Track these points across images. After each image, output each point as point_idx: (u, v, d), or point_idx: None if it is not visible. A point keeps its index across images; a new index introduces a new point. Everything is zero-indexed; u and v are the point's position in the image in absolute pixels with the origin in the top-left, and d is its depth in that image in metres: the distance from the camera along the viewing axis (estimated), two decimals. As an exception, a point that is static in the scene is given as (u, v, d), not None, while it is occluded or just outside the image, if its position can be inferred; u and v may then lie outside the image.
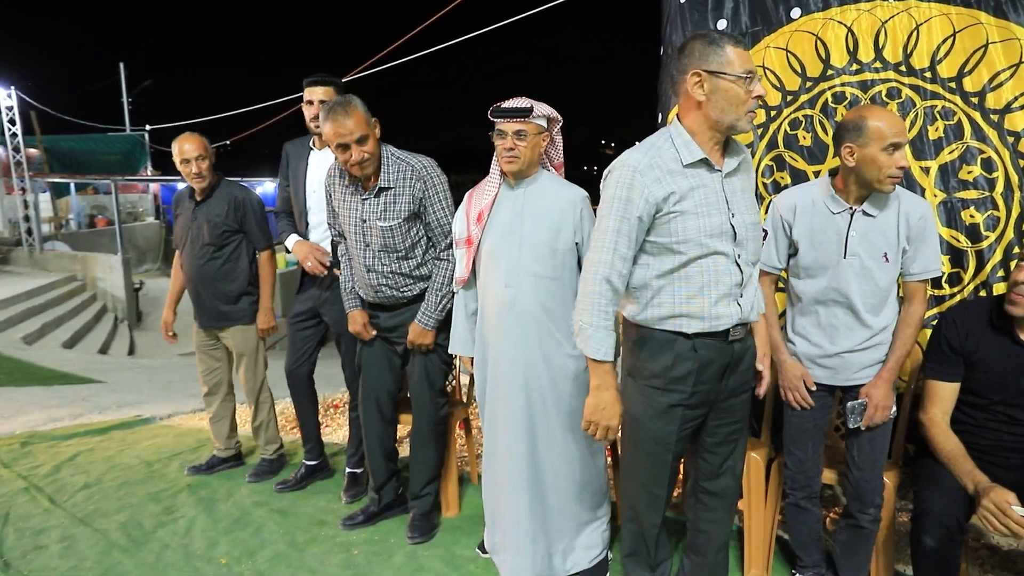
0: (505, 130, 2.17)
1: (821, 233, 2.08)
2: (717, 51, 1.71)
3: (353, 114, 2.31)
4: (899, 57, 2.54)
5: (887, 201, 2.03)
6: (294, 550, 2.65)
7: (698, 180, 1.78)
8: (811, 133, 2.71)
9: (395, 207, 2.45)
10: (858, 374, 2.11)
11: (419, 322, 2.55)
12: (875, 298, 2.06)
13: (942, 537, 1.82)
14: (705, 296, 1.79)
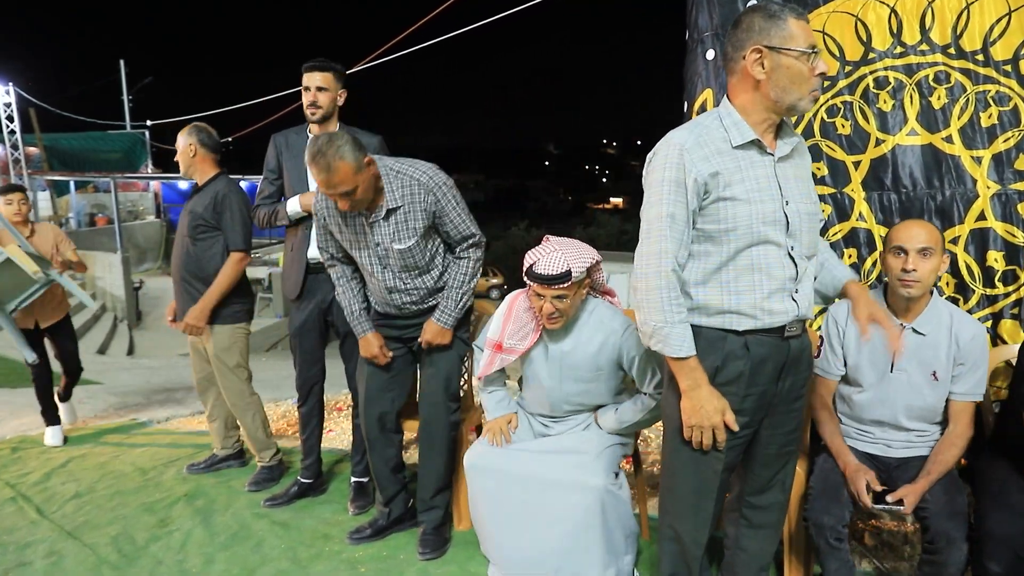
0: (544, 294, 2.07)
1: (869, 345, 2.04)
2: (779, 24, 1.55)
3: (338, 170, 2.09)
4: (948, 39, 2.36)
5: (938, 319, 1.99)
6: (297, 567, 2.48)
7: (748, 163, 1.63)
8: (850, 121, 2.53)
9: (408, 226, 2.30)
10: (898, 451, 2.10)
11: (437, 320, 2.40)
12: (921, 415, 2.04)
13: (1010, 563, 1.64)
14: (756, 291, 1.63)
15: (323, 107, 2.73)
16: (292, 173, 2.85)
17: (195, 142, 3.02)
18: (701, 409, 1.63)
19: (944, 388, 2.02)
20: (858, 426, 2.15)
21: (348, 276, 2.52)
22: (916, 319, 2.02)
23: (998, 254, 2.31)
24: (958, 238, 2.37)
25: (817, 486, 2.02)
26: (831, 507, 1.94)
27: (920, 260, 1.94)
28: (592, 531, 2.10)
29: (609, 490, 2.10)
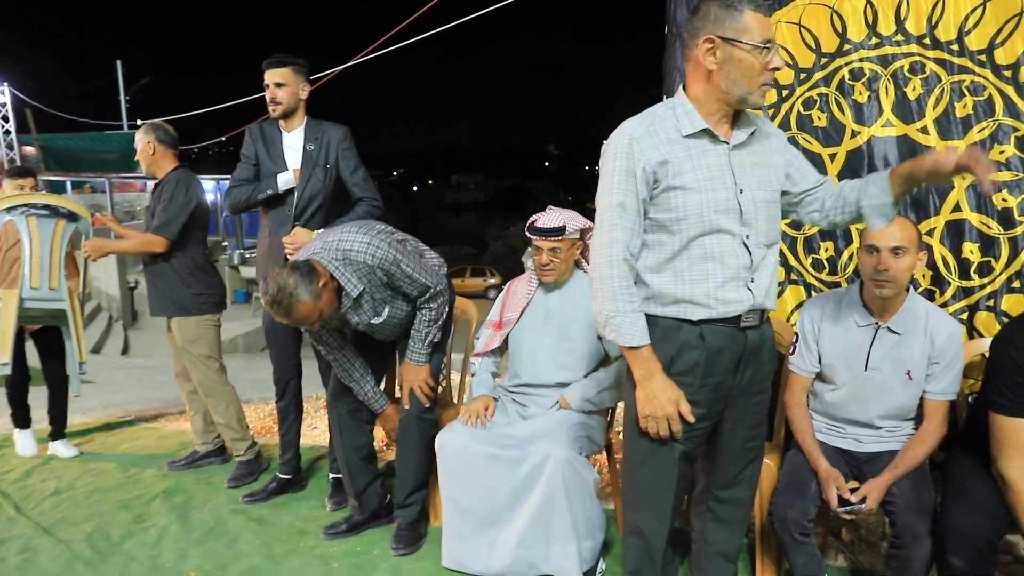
0: (541, 247, 2.35)
1: (843, 344, 2.04)
2: (735, 15, 1.53)
3: (298, 311, 2.16)
4: (923, 29, 2.34)
5: (914, 318, 1.98)
6: (270, 563, 2.47)
7: (700, 151, 1.62)
8: (827, 113, 2.51)
9: (377, 300, 2.40)
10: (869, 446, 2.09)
11: (410, 359, 2.50)
12: (894, 413, 2.03)
13: (972, 559, 1.62)
14: (710, 280, 1.62)
15: (283, 103, 2.77)
16: (266, 163, 2.87)
17: (153, 140, 3.06)
18: (655, 399, 1.62)
19: (918, 387, 2.00)
20: (830, 422, 2.13)
21: (350, 357, 2.52)
22: (891, 318, 2.00)
23: (973, 245, 2.29)
24: (933, 230, 2.35)
25: (784, 481, 2.01)
26: (795, 502, 1.92)
27: (892, 259, 1.91)
28: (555, 504, 2.11)
29: (572, 464, 2.10)
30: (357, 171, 2.85)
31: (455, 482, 2.26)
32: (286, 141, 2.85)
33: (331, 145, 2.81)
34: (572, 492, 2.10)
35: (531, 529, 2.15)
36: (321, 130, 2.83)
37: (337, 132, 2.84)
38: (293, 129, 2.85)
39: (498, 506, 2.19)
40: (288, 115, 2.81)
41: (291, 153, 2.83)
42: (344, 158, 2.83)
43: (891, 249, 1.90)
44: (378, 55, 7.84)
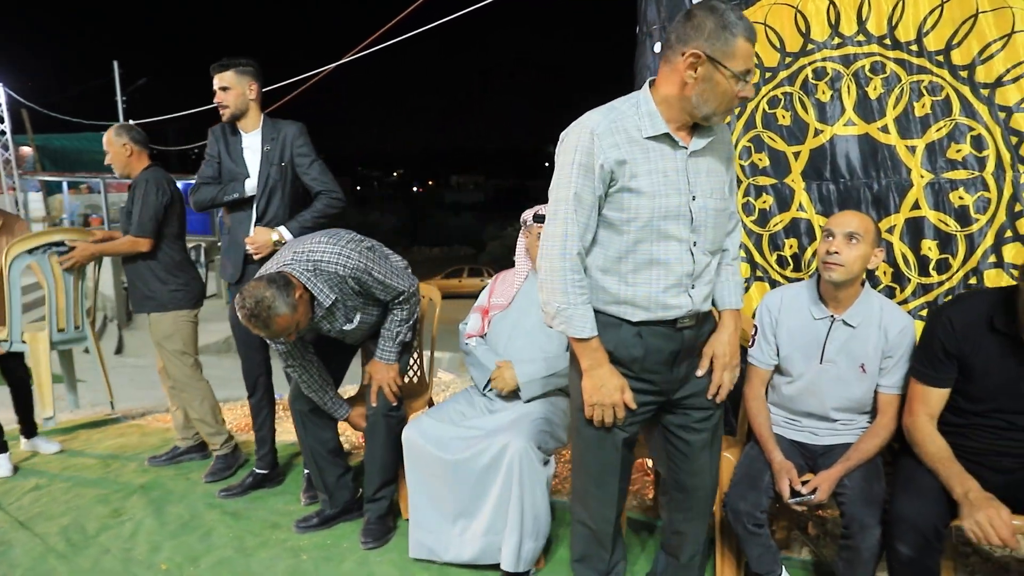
0: (536, 232, 2.37)
1: (801, 336, 2.08)
2: (727, 39, 1.52)
3: (277, 324, 2.18)
4: (884, 30, 2.38)
5: (869, 312, 2.01)
6: (241, 555, 2.50)
7: (659, 155, 1.63)
8: (790, 112, 2.54)
9: (349, 307, 2.44)
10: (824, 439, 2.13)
11: (380, 358, 2.52)
12: (849, 406, 2.07)
13: (918, 545, 1.65)
14: (653, 284, 1.66)
15: (230, 106, 2.83)
16: (227, 163, 2.92)
17: (129, 141, 3.10)
18: (602, 388, 1.67)
19: (872, 380, 2.03)
20: (787, 415, 2.17)
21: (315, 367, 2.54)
22: (846, 311, 2.03)
23: (932, 243, 2.33)
24: (894, 227, 2.38)
25: (738, 473, 2.04)
26: (748, 494, 1.95)
27: (845, 245, 1.95)
28: (511, 493, 2.15)
29: (529, 454, 2.14)
30: (313, 165, 2.88)
31: (423, 473, 2.30)
32: (244, 142, 2.90)
33: (286, 143, 2.85)
34: (525, 484, 2.14)
35: (496, 516, 2.18)
36: (277, 129, 2.87)
37: (291, 129, 2.88)
38: (251, 130, 2.90)
39: (465, 496, 2.23)
40: (239, 117, 2.87)
41: (249, 154, 2.88)
42: (299, 154, 2.86)
43: (846, 234, 1.95)
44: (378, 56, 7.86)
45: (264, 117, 2.90)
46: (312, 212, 2.86)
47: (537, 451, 2.17)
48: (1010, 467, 1.80)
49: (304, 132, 2.90)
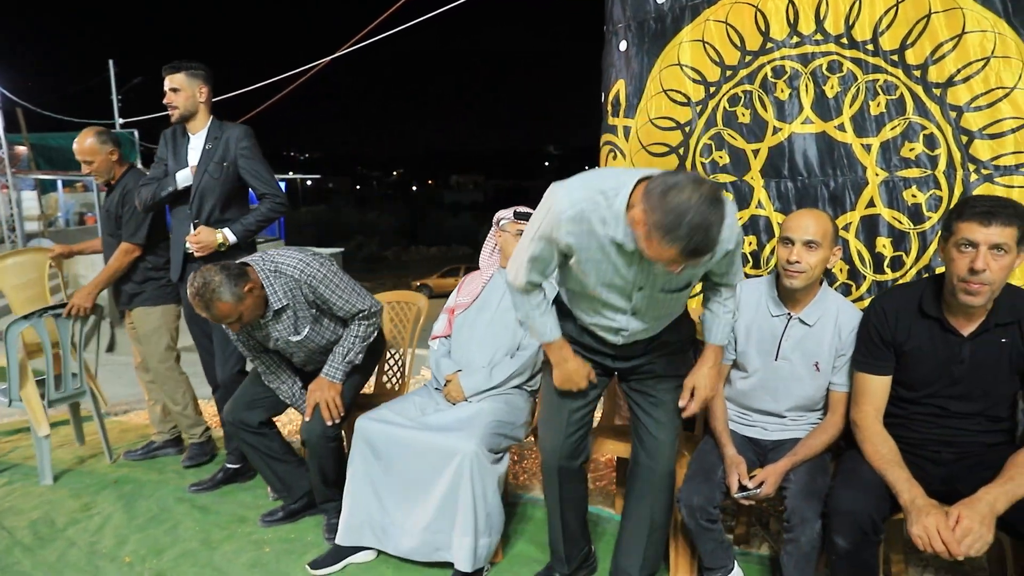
0: (510, 230, 2.48)
1: (758, 332, 2.11)
2: (662, 241, 1.49)
3: (218, 308, 2.22)
4: (841, 29, 2.40)
5: (825, 310, 2.04)
6: (205, 548, 2.53)
7: (615, 252, 1.70)
8: (750, 110, 2.57)
9: (299, 319, 2.44)
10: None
11: (325, 374, 2.51)
12: (801, 403, 2.09)
13: (855, 538, 1.67)
14: (599, 327, 1.94)
15: (179, 107, 2.88)
16: (171, 164, 2.97)
17: (113, 147, 3.14)
18: (570, 379, 1.95)
19: (825, 379, 2.05)
20: (740, 410, 2.19)
21: (274, 365, 2.61)
22: (803, 310, 2.06)
23: (886, 240, 2.35)
24: (849, 225, 2.41)
25: (692, 468, 2.06)
26: (701, 488, 1.97)
27: (805, 252, 1.96)
28: (460, 495, 2.17)
29: (479, 458, 2.16)
30: (258, 168, 2.90)
31: (370, 462, 2.32)
32: (191, 143, 2.94)
33: (230, 144, 2.88)
34: (476, 486, 2.16)
35: (438, 515, 2.21)
36: (222, 130, 2.91)
37: (236, 131, 2.90)
38: (197, 131, 2.93)
39: (412, 489, 2.25)
40: (187, 118, 2.91)
41: (194, 154, 2.92)
42: (243, 156, 2.88)
43: (804, 242, 1.96)
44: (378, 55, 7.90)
45: (212, 119, 2.94)
46: (255, 216, 2.90)
47: (488, 453, 2.20)
48: (949, 458, 1.83)
49: (250, 135, 2.92)
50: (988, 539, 1.52)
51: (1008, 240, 1.61)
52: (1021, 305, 1.73)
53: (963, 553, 1.51)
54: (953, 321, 1.77)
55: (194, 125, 2.93)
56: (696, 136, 2.69)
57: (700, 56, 2.67)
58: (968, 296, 1.67)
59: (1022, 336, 1.72)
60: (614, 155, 2.96)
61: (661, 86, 2.77)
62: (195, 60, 2.91)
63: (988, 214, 1.61)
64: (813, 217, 1.99)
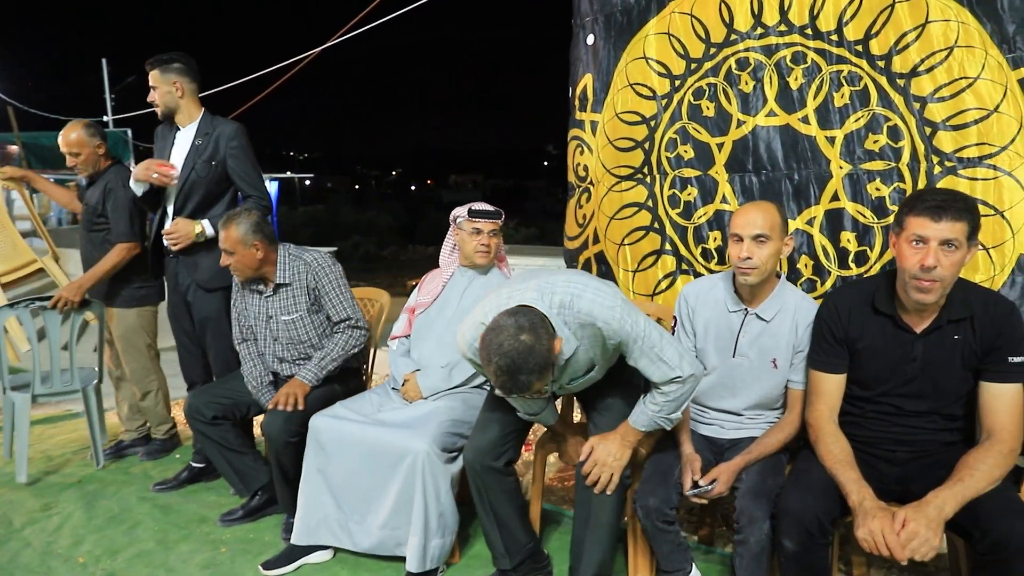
0: (483, 228, 2.47)
1: (716, 328, 2.07)
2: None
3: (228, 233, 2.47)
4: (805, 19, 2.36)
5: (783, 305, 2.00)
6: (161, 548, 2.49)
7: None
8: (715, 103, 2.53)
9: (294, 301, 2.58)
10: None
11: (300, 376, 2.54)
12: (760, 401, 2.05)
13: (802, 540, 1.63)
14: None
15: (159, 104, 2.86)
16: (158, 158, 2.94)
17: (100, 141, 3.10)
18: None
19: (783, 376, 2.01)
20: (698, 408, 2.15)
21: (256, 354, 2.69)
22: (760, 305, 2.02)
23: (850, 235, 2.31)
24: (814, 219, 2.36)
25: (648, 469, 2.02)
26: (657, 490, 1.93)
27: (755, 247, 1.92)
28: (413, 494, 2.14)
29: (431, 458, 2.13)
30: (246, 169, 2.86)
31: (328, 461, 2.28)
32: (180, 137, 2.90)
33: (220, 142, 2.83)
34: (428, 486, 2.13)
35: (395, 513, 2.18)
36: (213, 126, 2.86)
37: (228, 129, 2.85)
38: (186, 125, 2.89)
39: (368, 487, 2.22)
40: (170, 114, 2.87)
41: (179, 148, 2.87)
42: (233, 156, 2.83)
43: (753, 237, 1.91)
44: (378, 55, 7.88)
45: (203, 113, 2.89)
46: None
47: (440, 452, 2.16)
48: (903, 458, 1.79)
49: (241, 134, 2.86)
50: (935, 544, 1.48)
51: (959, 235, 1.57)
52: (974, 301, 1.69)
53: (907, 558, 1.47)
54: (906, 318, 1.73)
55: (181, 119, 2.88)
56: (661, 130, 2.65)
57: (665, 49, 2.63)
58: (920, 293, 1.63)
59: (974, 333, 1.67)
60: (581, 150, 2.92)
61: (627, 80, 2.73)
62: (183, 55, 2.84)
63: (938, 209, 1.57)
64: (759, 210, 1.94)
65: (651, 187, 2.70)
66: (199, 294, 2.89)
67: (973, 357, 1.68)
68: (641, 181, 2.73)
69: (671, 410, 1.89)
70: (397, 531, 2.19)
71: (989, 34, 2.06)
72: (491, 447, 2.06)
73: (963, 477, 1.56)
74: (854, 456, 1.74)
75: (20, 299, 3.06)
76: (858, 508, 1.58)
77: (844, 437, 1.78)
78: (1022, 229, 2.03)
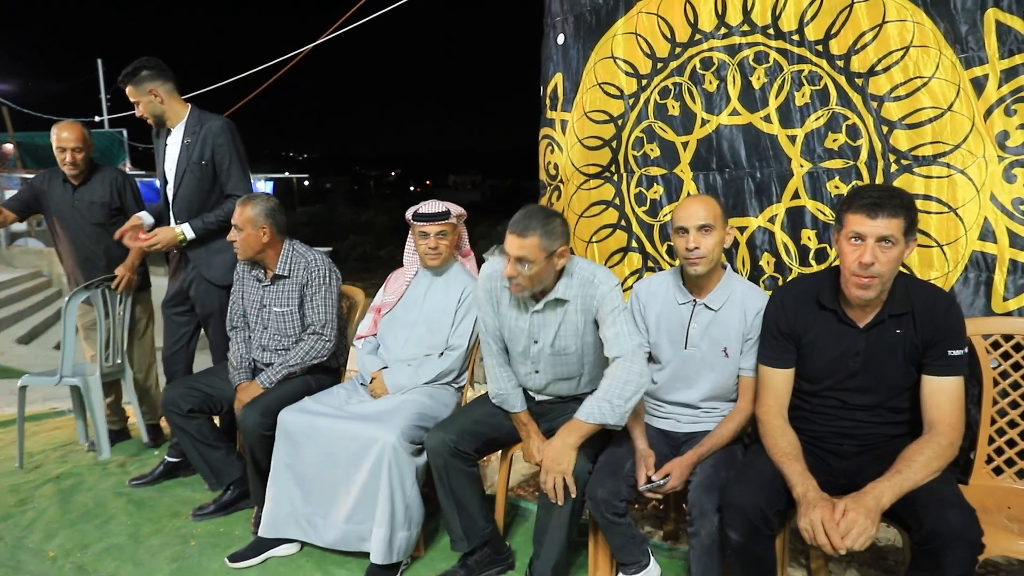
0: (428, 232, 2.48)
1: (667, 322, 2.10)
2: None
3: (243, 209, 2.54)
4: (768, 19, 2.39)
5: (730, 295, 2.04)
6: (132, 542, 2.51)
7: (516, 312, 2.14)
8: (680, 102, 2.56)
9: (288, 295, 2.63)
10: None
11: (258, 379, 2.59)
12: (715, 392, 2.08)
13: (746, 532, 1.65)
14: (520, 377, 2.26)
15: (146, 115, 2.86)
16: (158, 164, 2.98)
17: (92, 141, 3.19)
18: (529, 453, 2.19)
19: (735, 365, 2.04)
20: (655, 402, 2.18)
21: (245, 338, 2.75)
22: (708, 295, 2.05)
23: (811, 232, 2.34)
24: (775, 217, 2.39)
25: (600, 461, 2.04)
26: (606, 482, 1.95)
27: (701, 237, 1.96)
28: (379, 486, 2.17)
29: (397, 450, 2.15)
30: (232, 166, 2.85)
31: (297, 455, 2.31)
32: (171, 137, 2.89)
33: (207, 139, 2.81)
34: (394, 478, 2.15)
35: (359, 506, 2.20)
36: (201, 123, 2.83)
37: (216, 125, 2.83)
38: (175, 125, 2.86)
39: (333, 479, 2.24)
40: (160, 121, 2.86)
41: (171, 149, 2.87)
42: (219, 152, 2.82)
43: (698, 227, 1.96)
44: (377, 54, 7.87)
45: (191, 109, 2.87)
46: (216, 215, 2.84)
47: (407, 444, 2.19)
48: (851, 451, 1.81)
49: (228, 130, 2.84)
50: (872, 533, 1.50)
51: (895, 232, 1.60)
52: (915, 295, 1.72)
53: (846, 546, 1.49)
54: (849, 313, 1.76)
55: (171, 120, 2.86)
56: (628, 129, 2.68)
57: (633, 49, 2.66)
58: (859, 290, 1.66)
59: (915, 327, 1.70)
60: (552, 149, 2.95)
61: (596, 79, 2.76)
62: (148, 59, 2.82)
63: (874, 206, 1.60)
64: (700, 202, 2.01)
65: (618, 185, 2.74)
66: (205, 288, 2.91)
67: (914, 351, 1.71)
68: (609, 179, 2.76)
69: (615, 394, 1.93)
70: (361, 525, 2.21)
71: (943, 34, 2.09)
72: (458, 431, 2.12)
73: (901, 469, 1.58)
74: (802, 450, 1.77)
75: (91, 282, 3.16)
76: (802, 499, 1.60)
77: (792, 431, 1.80)
78: (974, 226, 2.06)
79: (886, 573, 2.27)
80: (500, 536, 2.29)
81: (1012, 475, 1.93)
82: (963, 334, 1.70)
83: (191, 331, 3.08)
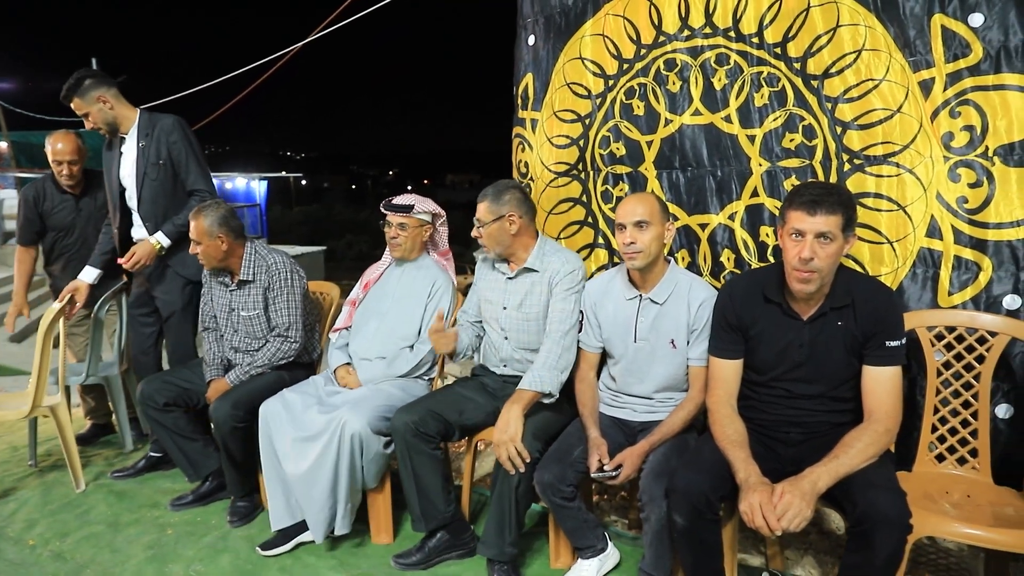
0: (391, 221, 2.60)
1: (617, 317, 2.18)
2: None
3: (196, 223, 2.57)
4: (729, 22, 2.45)
5: (673, 288, 2.12)
6: (110, 530, 2.58)
7: (494, 278, 2.43)
8: (644, 102, 2.62)
9: (254, 299, 2.68)
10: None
11: (227, 377, 2.66)
12: (667, 383, 2.14)
13: (691, 516, 1.72)
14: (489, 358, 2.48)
15: (99, 125, 2.83)
16: (106, 174, 2.99)
17: (86, 150, 3.21)
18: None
19: (683, 356, 2.11)
20: (612, 394, 2.25)
21: (217, 338, 2.82)
22: (652, 289, 2.12)
23: (769, 229, 2.40)
24: (735, 214, 2.46)
25: (551, 447, 2.11)
26: (552, 466, 2.02)
27: (637, 232, 2.05)
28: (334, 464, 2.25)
29: (360, 437, 2.23)
30: (190, 162, 2.86)
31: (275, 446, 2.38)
32: (126, 144, 2.88)
33: (161, 138, 2.83)
34: (356, 461, 2.24)
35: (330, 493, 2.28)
36: (152, 123, 2.84)
37: (167, 123, 2.85)
38: (128, 130, 2.87)
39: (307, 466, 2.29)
40: (114, 129, 2.86)
41: (127, 155, 2.87)
42: (175, 149, 2.84)
43: (634, 223, 2.04)
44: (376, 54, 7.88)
45: (140, 113, 2.88)
46: (184, 216, 2.83)
47: (375, 436, 2.26)
48: (797, 439, 1.88)
49: (180, 126, 2.86)
50: (807, 515, 1.57)
51: (833, 228, 1.67)
52: (856, 289, 1.79)
53: (782, 528, 1.56)
54: (794, 306, 1.83)
55: (124, 126, 2.86)
56: (595, 128, 2.74)
57: (600, 50, 2.72)
58: (800, 284, 1.73)
59: (855, 319, 1.77)
60: (523, 147, 3.02)
61: (565, 79, 2.83)
62: (87, 70, 2.81)
63: (813, 203, 1.67)
64: (638, 200, 2.10)
65: (585, 183, 2.80)
66: (170, 284, 2.93)
67: (855, 342, 1.78)
68: (576, 177, 2.83)
69: (551, 364, 2.15)
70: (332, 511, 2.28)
71: (893, 38, 2.15)
72: (421, 413, 2.20)
73: (838, 454, 1.65)
74: (752, 438, 1.83)
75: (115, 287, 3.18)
76: (743, 484, 1.67)
77: (739, 419, 1.87)
78: (922, 223, 2.13)
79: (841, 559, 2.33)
80: (464, 522, 2.36)
81: (953, 462, 2.00)
82: (900, 326, 1.78)
83: (157, 331, 3.11)
